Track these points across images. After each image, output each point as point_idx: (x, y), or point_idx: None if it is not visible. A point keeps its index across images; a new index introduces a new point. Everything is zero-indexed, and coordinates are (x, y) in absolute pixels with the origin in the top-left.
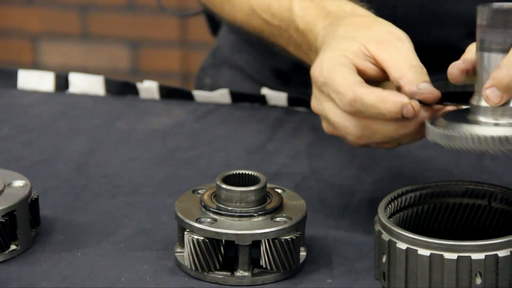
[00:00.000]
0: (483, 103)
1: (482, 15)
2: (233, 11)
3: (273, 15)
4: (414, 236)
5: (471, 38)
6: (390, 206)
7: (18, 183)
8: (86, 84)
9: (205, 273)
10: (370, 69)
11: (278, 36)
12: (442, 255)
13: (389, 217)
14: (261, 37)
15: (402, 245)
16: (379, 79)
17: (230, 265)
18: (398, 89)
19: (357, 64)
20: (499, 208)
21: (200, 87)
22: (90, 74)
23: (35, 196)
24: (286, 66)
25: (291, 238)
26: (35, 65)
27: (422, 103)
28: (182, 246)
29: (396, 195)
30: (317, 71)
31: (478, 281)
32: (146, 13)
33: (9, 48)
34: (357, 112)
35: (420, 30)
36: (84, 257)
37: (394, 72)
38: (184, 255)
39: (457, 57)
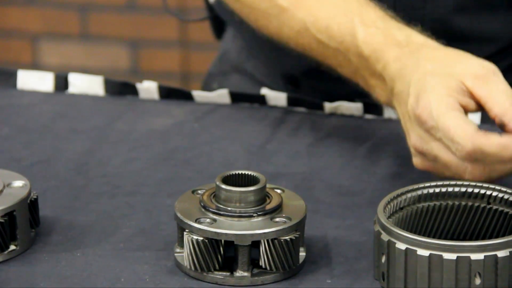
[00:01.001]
0: None
1: None
2: (280, 26)
3: (330, 37)
4: (414, 237)
5: (501, 54)
6: (389, 206)
7: (18, 183)
8: (86, 84)
9: (205, 274)
10: (471, 105)
11: (331, 57)
12: (441, 256)
13: (389, 217)
14: (308, 54)
15: (402, 246)
16: (474, 112)
17: (229, 266)
18: (501, 126)
19: (460, 101)
20: (498, 209)
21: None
22: (90, 74)
23: (35, 196)
24: (295, 71)
25: (291, 239)
26: (35, 65)
27: None
28: (182, 246)
29: (396, 196)
30: (425, 114)
31: (477, 281)
32: (146, 13)
33: (8, 48)
34: (476, 160)
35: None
36: (84, 257)
37: (495, 108)
38: (184, 255)
39: None
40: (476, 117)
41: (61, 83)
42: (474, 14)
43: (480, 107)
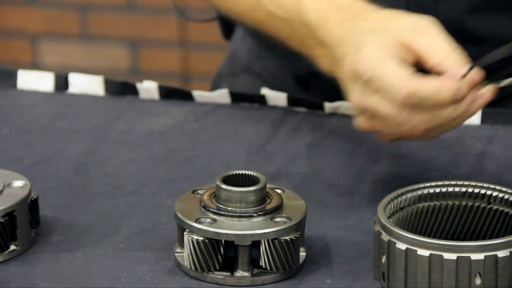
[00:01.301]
0: None
1: None
2: (235, 2)
3: (279, 7)
4: (414, 237)
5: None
6: (389, 206)
7: (18, 183)
8: (86, 84)
9: (205, 274)
10: (408, 58)
11: (281, 29)
12: (441, 256)
13: (389, 217)
14: (261, 30)
15: (402, 246)
16: (418, 65)
17: (229, 266)
18: (439, 75)
19: (398, 55)
20: (498, 209)
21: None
22: (90, 74)
23: (35, 197)
24: (305, 71)
25: (291, 239)
26: (35, 65)
27: None
28: (182, 246)
29: (396, 196)
30: (361, 66)
31: (478, 281)
32: (146, 13)
33: (8, 48)
34: (413, 105)
35: None
36: (84, 257)
37: (432, 59)
38: (184, 255)
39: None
40: (476, 117)
41: (61, 83)
42: (488, 15)
43: (418, 62)
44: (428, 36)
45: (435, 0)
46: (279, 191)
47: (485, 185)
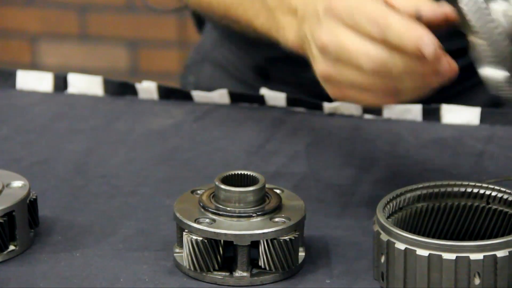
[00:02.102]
0: None
1: None
2: None
3: None
4: (413, 237)
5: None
6: (388, 206)
7: (17, 183)
8: (85, 84)
9: (204, 274)
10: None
11: (249, 6)
12: (440, 256)
13: (388, 217)
14: (228, 16)
15: (401, 246)
16: None
17: (228, 266)
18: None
19: None
20: (497, 209)
21: (184, 85)
22: (89, 75)
23: (34, 197)
24: (265, 62)
25: (290, 239)
26: (34, 66)
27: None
28: (181, 246)
29: (395, 196)
30: (339, 2)
31: (477, 281)
32: (145, 13)
33: (7, 48)
34: (384, 41)
35: None
36: (83, 257)
37: (409, 2)
38: (183, 255)
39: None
40: (475, 117)
41: (60, 83)
42: None
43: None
44: None
45: None
46: (278, 191)
47: (484, 185)
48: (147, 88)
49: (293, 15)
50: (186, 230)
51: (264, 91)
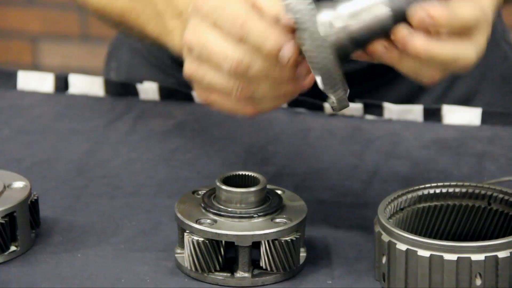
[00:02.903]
0: None
1: None
2: None
3: None
4: (414, 237)
5: None
6: (390, 207)
7: (18, 184)
8: (86, 85)
9: (205, 274)
10: None
11: (140, 11)
12: (442, 256)
13: (389, 218)
14: (123, 21)
15: (402, 246)
16: None
17: (230, 266)
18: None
19: None
20: (498, 210)
21: (107, 71)
22: (90, 75)
23: (35, 197)
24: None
25: (291, 239)
26: (35, 66)
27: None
28: (182, 247)
29: (396, 196)
30: (201, 1)
31: (478, 282)
32: None
33: (9, 49)
34: (242, 40)
35: None
36: (84, 258)
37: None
38: (184, 256)
39: None
40: (476, 118)
41: (61, 84)
42: None
43: None
44: None
45: None
46: (279, 191)
47: (485, 185)
48: (148, 89)
49: (179, 19)
50: (187, 231)
51: None
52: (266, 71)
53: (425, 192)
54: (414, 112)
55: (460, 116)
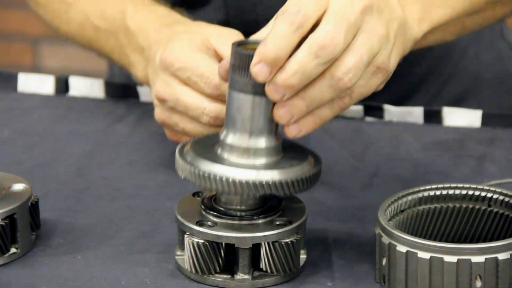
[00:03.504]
0: (232, 140)
1: (231, 54)
2: (68, 22)
3: (105, 19)
4: (414, 239)
5: None
6: (390, 209)
7: (19, 186)
8: (86, 87)
9: (205, 276)
10: (214, 60)
11: (106, 42)
12: (442, 258)
13: (389, 220)
14: (91, 48)
15: (402, 248)
16: None
17: (230, 268)
18: None
19: (206, 53)
20: (499, 212)
21: (111, 75)
22: (90, 77)
23: (35, 199)
24: None
25: (291, 241)
26: (35, 68)
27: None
28: (182, 249)
29: (396, 198)
30: (171, 57)
31: (478, 284)
32: None
33: (9, 51)
34: (219, 96)
35: None
36: (84, 260)
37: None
38: (184, 258)
39: None
40: (476, 120)
41: (62, 86)
42: None
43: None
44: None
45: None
46: None
47: (486, 187)
48: (149, 91)
49: (140, 54)
50: (187, 233)
51: None
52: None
53: (426, 194)
54: (414, 114)
55: (460, 118)
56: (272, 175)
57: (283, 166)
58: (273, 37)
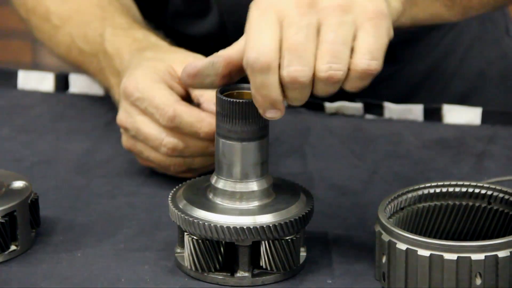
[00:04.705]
0: (223, 185)
1: (216, 101)
2: (58, 45)
3: (87, 42)
4: (414, 237)
5: None
6: (390, 206)
7: (18, 183)
8: (86, 84)
9: (205, 274)
10: (177, 87)
11: (89, 64)
12: (442, 256)
13: (389, 217)
14: (80, 70)
15: (402, 246)
16: (184, 97)
17: (230, 266)
18: (199, 106)
19: (167, 82)
20: (498, 209)
21: None
22: None
23: (35, 197)
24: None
25: (291, 239)
26: (35, 66)
27: None
28: (182, 246)
29: (396, 196)
30: (131, 87)
31: (478, 281)
32: None
33: (9, 48)
34: (175, 128)
35: None
36: (84, 257)
37: (195, 91)
38: (184, 255)
39: None
40: (476, 117)
41: (62, 83)
42: None
43: (188, 94)
44: None
45: None
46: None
47: (485, 185)
48: None
49: (117, 77)
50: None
51: None
52: (203, 150)
53: (425, 191)
54: (414, 111)
55: (460, 115)
56: (268, 219)
57: (277, 208)
58: (255, 92)
